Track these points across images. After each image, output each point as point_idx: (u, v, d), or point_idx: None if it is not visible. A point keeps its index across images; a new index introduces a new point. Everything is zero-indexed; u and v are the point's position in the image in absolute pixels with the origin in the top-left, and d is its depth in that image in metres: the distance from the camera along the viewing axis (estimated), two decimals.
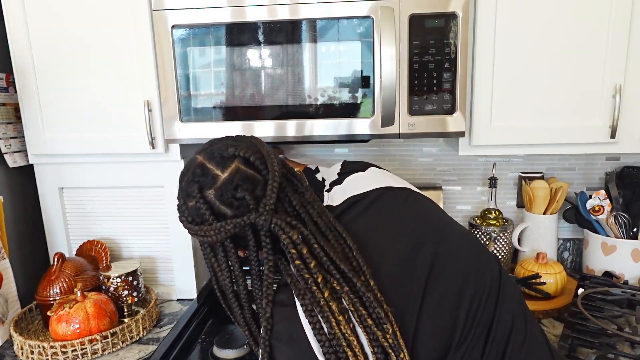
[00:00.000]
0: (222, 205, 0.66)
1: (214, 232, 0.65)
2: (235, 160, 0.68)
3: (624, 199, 1.33)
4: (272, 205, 0.65)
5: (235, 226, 0.64)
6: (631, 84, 1.09)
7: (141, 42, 1.14)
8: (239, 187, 0.66)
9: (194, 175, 0.68)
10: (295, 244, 0.64)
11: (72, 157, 1.26)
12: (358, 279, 0.63)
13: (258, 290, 0.73)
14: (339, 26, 1.05)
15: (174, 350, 1.07)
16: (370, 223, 0.72)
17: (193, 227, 0.68)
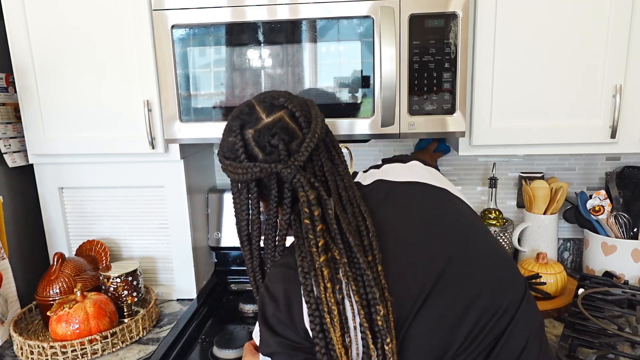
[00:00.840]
0: (256, 147, 0.69)
1: (241, 170, 0.68)
2: (283, 110, 0.70)
3: (624, 199, 1.33)
4: (301, 162, 0.67)
5: (262, 170, 0.67)
6: (631, 84, 1.09)
7: (141, 42, 1.14)
8: (277, 135, 0.68)
9: (240, 112, 0.72)
10: (310, 203, 0.65)
11: (72, 157, 1.26)
12: (362, 256, 0.63)
13: (270, 242, 0.74)
14: (339, 26, 1.05)
15: (174, 350, 1.07)
16: (396, 213, 0.71)
17: (225, 162, 0.72)
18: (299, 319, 0.65)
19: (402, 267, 0.66)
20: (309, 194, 0.65)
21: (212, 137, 1.14)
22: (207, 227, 1.47)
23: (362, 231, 0.66)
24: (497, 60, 1.11)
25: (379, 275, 0.63)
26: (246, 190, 0.72)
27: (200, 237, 1.41)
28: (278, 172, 0.67)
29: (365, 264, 0.63)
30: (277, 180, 0.69)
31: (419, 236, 0.68)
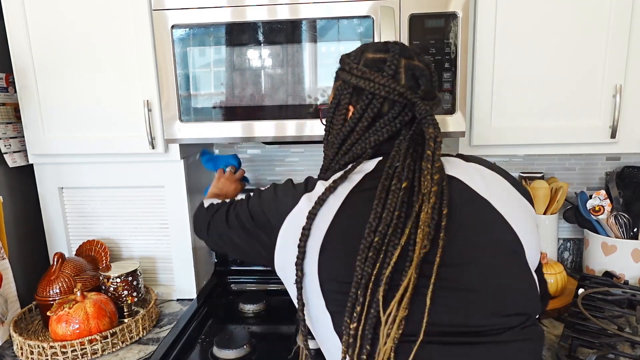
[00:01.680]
0: (404, 73, 0.73)
1: (383, 81, 0.71)
2: (429, 66, 0.77)
3: (624, 199, 1.33)
4: (434, 109, 0.74)
5: (402, 95, 0.71)
6: (631, 84, 1.09)
7: (141, 42, 1.14)
8: (425, 77, 0.74)
9: (398, 43, 0.76)
10: (435, 140, 0.68)
11: (72, 157, 1.26)
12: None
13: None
14: (339, 26, 1.05)
15: (174, 350, 1.07)
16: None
17: (364, 69, 0.73)
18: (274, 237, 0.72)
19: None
20: (437, 134, 0.69)
21: (212, 137, 1.14)
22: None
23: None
24: (497, 60, 1.11)
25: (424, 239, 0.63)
26: (367, 102, 0.73)
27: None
28: (414, 103, 0.71)
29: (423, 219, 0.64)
30: (400, 109, 0.73)
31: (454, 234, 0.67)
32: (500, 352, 0.62)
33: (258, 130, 1.12)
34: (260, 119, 1.11)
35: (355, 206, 0.68)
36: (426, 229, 0.62)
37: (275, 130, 1.12)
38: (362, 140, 0.75)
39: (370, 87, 0.72)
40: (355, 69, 0.74)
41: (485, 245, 0.65)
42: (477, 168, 0.73)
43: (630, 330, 1.04)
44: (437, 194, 0.64)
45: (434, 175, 0.65)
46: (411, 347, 0.60)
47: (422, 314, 0.60)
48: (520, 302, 0.65)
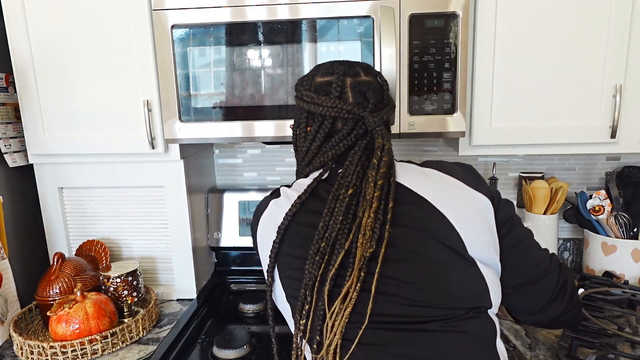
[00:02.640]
0: (350, 92, 0.79)
1: (329, 104, 0.78)
2: (377, 77, 0.83)
3: (624, 199, 1.33)
4: (384, 119, 0.79)
5: (350, 112, 0.78)
6: (631, 84, 1.09)
7: (141, 42, 1.14)
8: (372, 91, 0.80)
9: (343, 63, 0.82)
10: (382, 149, 0.75)
11: (72, 157, 1.26)
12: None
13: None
14: (339, 26, 1.05)
15: (174, 350, 1.07)
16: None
17: (311, 94, 0.80)
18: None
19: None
20: (386, 143, 0.76)
21: (212, 137, 1.14)
22: (207, 227, 1.47)
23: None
24: (497, 60, 1.11)
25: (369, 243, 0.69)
26: (319, 124, 0.80)
27: (200, 237, 1.41)
28: (364, 117, 0.77)
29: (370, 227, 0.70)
30: (352, 125, 0.79)
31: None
32: (432, 340, 0.67)
33: (258, 130, 1.12)
34: (260, 119, 1.11)
35: (306, 213, 0.76)
36: (368, 232, 0.69)
37: (275, 130, 1.12)
38: (322, 154, 0.81)
39: (320, 111, 0.79)
40: (305, 96, 0.82)
41: (422, 242, 0.70)
42: (424, 171, 0.77)
43: (630, 330, 1.04)
44: (379, 199, 0.71)
45: (377, 181, 0.72)
46: (357, 331, 0.66)
47: (365, 307, 0.66)
48: (456, 295, 0.69)
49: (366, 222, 0.69)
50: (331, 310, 0.67)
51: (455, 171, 0.78)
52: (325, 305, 0.68)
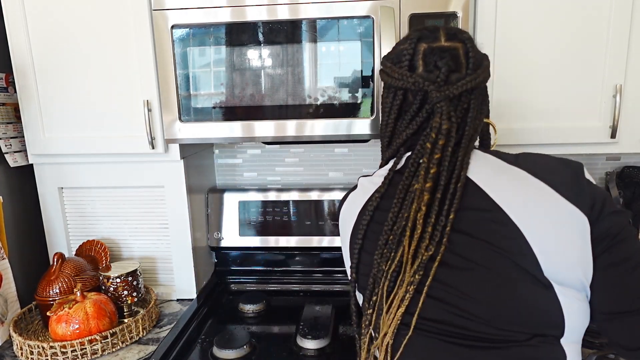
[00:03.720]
0: (421, 60, 0.70)
1: (397, 75, 0.71)
2: (461, 44, 0.71)
3: (624, 199, 1.33)
4: (451, 94, 0.68)
5: (414, 83, 0.69)
6: (631, 84, 1.09)
7: (141, 42, 1.14)
8: (445, 59, 0.68)
9: (424, 28, 0.73)
10: (439, 130, 0.67)
11: (72, 157, 1.26)
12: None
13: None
14: (339, 26, 1.05)
15: (173, 351, 1.07)
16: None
17: (386, 63, 0.74)
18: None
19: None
20: (444, 123, 0.66)
21: (212, 137, 1.14)
22: (207, 227, 1.47)
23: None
24: (497, 60, 1.11)
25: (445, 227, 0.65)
26: (392, 95, 0.74)
27: (200, 237, 1.41)
28: (427, 90, 0.68)
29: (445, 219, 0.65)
30: (421, 99, 0.71)
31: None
32: (482, 359, 0.61)
33: (258, 130, 1.12)
34: (260, 118, 1.11)
35: (380, 212, 0.72)
36: (419, 229, 0.64)
37: (275, 130, 1.12)
38: (397, 135, 0.75)
39: (390, 82, 0.73)
40: (382, 65, 0.76)
41: (487, 255, 0.62)
42: (511, 170, 0.66)
43: None
44: (431, 190, 0.65)
45: (429, 169, 0.65)
46: (404, 334, 0.64)
47: (415, 308, 0.64)
48: (517, 317, 0.61)
49: (414, 216, 0.65)
50: (386, 307, 0.65)
51: (553, 175, 0.64)
52: (383, 300, 0.66)
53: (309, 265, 1.47)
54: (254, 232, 1.44)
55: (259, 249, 1.46)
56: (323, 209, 1.42)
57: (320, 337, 1.10)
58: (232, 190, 1.48)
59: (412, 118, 0.72)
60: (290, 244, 1.43)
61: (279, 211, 1.44)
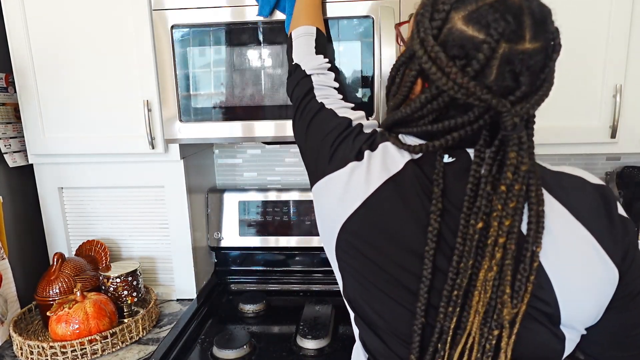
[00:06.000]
0: (496, 69, 0.52)
1: (460, 81, 0.51)
2: (552, 40, 0.56)
3: (624, 199, 1.33)
4: (525, 115, 0.52)
5: (482, 100, 0.52)
6: (631, 84, 1.09)
7: (141, 42, 1.14)
8: (533, 68, 0.53)
9: (505, 15, 0.51)
10: (516, 170, 0.52)
11: (72, 157, 1.26)
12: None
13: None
14: (338, 26, 1.05)
15: (173, 350, 1.07)
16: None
17: (439, 53, 0.53)
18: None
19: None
20: (523, 163, 0.52)
21: (212, 137, 1.14)
22: (207, 227, 1.47)
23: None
24: None
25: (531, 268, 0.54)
26: (432, 97, 0.56)
27: (200, 237, 1.41)
28: (500, 112, 0.52)
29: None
30: (481, 111, 0.54)
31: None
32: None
33: (258, 130, 1.12)
34: (260, 119, 1.11)
35: (385, 203, 0.59)
36: (489, 289, 0.53)
37: (275, 130, 1.11)
38: (421, 125, 0.60)
39: (442, 84, 0.53)
40: (430, 46, 0.53)
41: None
42: (547, 201, 0.56)
43: None
44: (504, 247, 0.52)
45: (503, 219, 0.52)
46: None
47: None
48: (523, 355, 0.57)
49: (483, 276, 0.53)
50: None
51: (588, 213, 0.56)
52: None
53: (308, 265, 1.47)
54: (254, 232, 1.44)
55: (259, 249, 1.46)
56: None
57: (320, 337, 1.10)
58: (232, 190, 1.48)
59: (453, 129, 0.57)
60: (290, 244, 1.43)
61: (279, 211, 1.44)
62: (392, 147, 0.63)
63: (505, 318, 0.53)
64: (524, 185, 0.53)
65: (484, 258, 0.53)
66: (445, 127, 0.57)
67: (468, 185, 0.55)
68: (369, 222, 0.60)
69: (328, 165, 0.66)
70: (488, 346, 0.54)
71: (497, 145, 0.54)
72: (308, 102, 0.78)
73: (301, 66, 0.84)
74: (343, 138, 0.68)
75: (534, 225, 0.53)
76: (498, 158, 0.55)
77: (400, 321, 0.59)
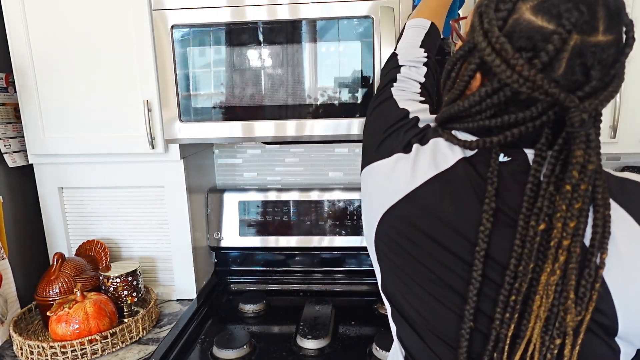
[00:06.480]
0: (565, 62, 0.49)
1: (526, 74, 0.49)
2: (627, 32, 0.52)
3: None
4: (594, 111, 0.50)
5: (549, 94, 0.49)
6: (631, 84, 1.09)
7: (141, 42, 1.14)
8: (603, 62, 0.50)
9: (579, 6, 0.48)
10: (582, 168, 0.50)
11: (72, 157, 1.26)
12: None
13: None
14: (338, 26, 1.05)
15: (173, 350, 1.07)
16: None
17: (504, 44, 0.50)
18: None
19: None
20: (591, 162, 0.50)
21: (212, 137, 1.14)
22: (207, 227, 1.47)
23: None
24: None
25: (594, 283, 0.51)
26: (494, 90, 0.54)
27: (200, 237, 1.41)
28: (567, 107, 0.49)
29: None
30: (546, 106, 0.52)
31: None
32: None
33: (258, 130, 1.12)
34: (260, 118, 1.11)
35: (429, 199, 0.58)
36: (551, 293, 0.51)
37: (275, 130, 1.11)
38: (477, 120, 0.58)
39: (506, 77, 0.51)
40: (494, 37, 0.51)
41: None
42: (613, 209, 0.53)
43: None
44: (568, 250, 0.50)
45: (568, 221, 0.50)
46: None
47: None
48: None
49: (545, 280, 0.50)
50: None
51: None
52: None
53: (309, 265, 1.47)
54: (254, 232, 1.44)
55: (259, 249, 1.46)
56: (323, 208, 1.42)
57: (320, 337, 1.10)
58: (232, 190, 1.48)
59: (513, 125, 0.54)
60: (290, 244, 1.43)
61: (279, 211, 1.44)
62: (444, 143, 0.61)
63: (569, 325, 0.50)
64: (590, 185, 0.50)
65: (546, 261, 0.50)
66: (505, 122, 0.54)
67: (527, 186, 0.53)
68: (410, 218, 0.58)
69: (375, 153, 0.65)
70: (549, 356, 0.51)
71: (561, 144, 0.52)
72: (383, 91, 0.76)
73: (398, 56, 0.82)
74: (396, 129, 0.66)
75: (600, 229, 0.51)
76: (562, 157, 0.52)
77: (442, 322, 0.57)
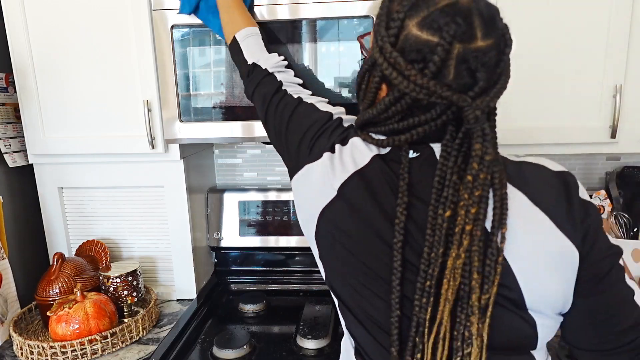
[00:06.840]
0: (453, 68, 0.55)
1: (420, 82, 0.55)
2: (503, 36, 0.58)
3: (624, 198, 1.33)
4: (486, 108, 0.57)
5: (444, 98, 0.55)
6: (631, 84, 1.09)
7: (141, 42, 1.14)
8: (488, 64, 0.55)
9: (458, 21, 0.54)
10: (481, 160, 0.56)
11: (72, 157, 1.26)
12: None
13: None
14: (338, 26, 1.05)
15: (173, 350, 1.07)
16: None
17: (397, 58, 0.56)
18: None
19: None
20: (487, 153, 0.56)
21: (212, 137, 1.14)
22: (207, 227, 1.47)
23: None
24: None
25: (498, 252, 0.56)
26: (396, 99, 0.59)
27: (200, 237, 1.41)
28: (461, 107, 0.55)
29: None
30: (443, 108, 0.58)
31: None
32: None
33: (258, 130, 1.12)
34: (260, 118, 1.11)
35: (353, 195, 0.63)
36: (458, 277, 0.55)
37: None
38: (388, 124, 0.63)
39: (404, 86, 0.56)
40: (387, 53, 0.57)
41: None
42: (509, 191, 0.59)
43: None
44: (471, 234, 0.55)
45: (470, 207, 0.55)
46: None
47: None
48: (494, 342, 0.57)
49: (452, 264, 0.55)
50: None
51: (547, 198, 0.59)
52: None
53: (309, 265, 1.47)
54: (254, 232, 1.44)
55: (259, 249, 1.46)
56: None
57: (320, 337, 1.10)
58: (232, 190, 1.48)
59: (418, 125, 0.60)
60: (290, 244, 1.43)
61: (279, 211, 1.44)
62: (360, 142, 0.67)
63: (475, 304, 0.55)
64: (489, 174, 0.56)
65: (451, 247, 0.56)
66: (410, 124, 0.60)
67: (435, 178, 0.58)
68: (342, 213, 0.63)
69: (308, 156, 0.70)
70: (467, 333, 0.55)
71: (461, 138, 0.58)
72: (282, 98, 0.82)
73: (260, 65, 0.88)
74: (323, 130, 0.72)
75: (499, 209, 0.56)
76: (463, 150, 0.59)
77: (377, 311, 0.62)
